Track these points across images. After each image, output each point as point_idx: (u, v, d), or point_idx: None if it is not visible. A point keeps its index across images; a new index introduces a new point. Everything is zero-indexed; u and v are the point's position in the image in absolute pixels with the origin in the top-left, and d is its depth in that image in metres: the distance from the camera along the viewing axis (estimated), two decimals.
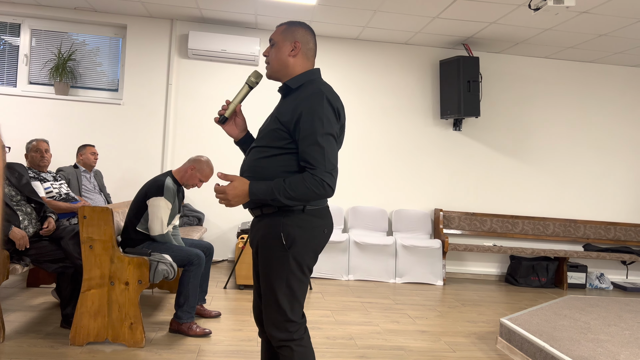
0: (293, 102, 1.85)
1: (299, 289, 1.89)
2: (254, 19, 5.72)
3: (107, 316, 3.10)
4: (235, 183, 1.79)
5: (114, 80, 6.07)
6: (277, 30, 1.96)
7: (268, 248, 1.87)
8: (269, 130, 1.87)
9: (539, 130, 6.49)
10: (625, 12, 4.74)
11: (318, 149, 1.76)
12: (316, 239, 1.89)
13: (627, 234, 6.47)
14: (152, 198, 3.40)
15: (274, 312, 1.87)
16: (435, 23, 5.44)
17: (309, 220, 1.87)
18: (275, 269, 1.86)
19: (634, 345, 3.19)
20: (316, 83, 1.88)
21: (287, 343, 1.87)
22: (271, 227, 1.86)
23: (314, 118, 1.77)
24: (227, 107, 2.00)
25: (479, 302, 5.08)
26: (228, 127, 2.06)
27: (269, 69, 1.96)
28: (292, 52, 1.92)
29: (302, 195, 1.76)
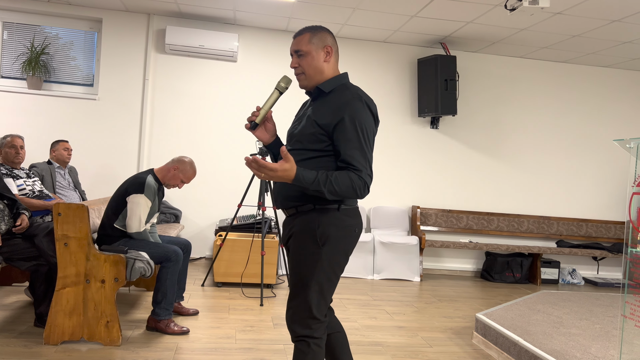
0: (330, 105, 1.89)
1: (328, 288, 1.92)
2: (232, 14, 5.68)
3: (82, 314, 3.05)
4: (287, 165, 1.78)
5: (89, 75, 5.97)
6: (302, 40, 1.96)
7: (302, 244, 1.91)
8: (308, 133, 1.91)
9: (514, 129, 6.60)
10: (597, 13, 4.85)
11: (361, 153, 1.84)
12: (348, 238, 1.93)
13: (598, 230, 6.63)
14: (132, 195, 3.36)
15: (300, 308, 1.90)
16: (414, 22, 5.49)
17: (342, 220, 1.92)
18: (306, 265, 1.89)
19: (604, 339, 3.28)
20: (351, 87, 1.93)
21: (306, 339, 1.90)
22: (307, 223, 1.91)
23: (355, 123, 1.84)
24: (257, 113, 2.00)
25: (455, 297, 5.15)
26: (259, 132, 2.06)
27: (304, 80, 1.98)
28: (326, 57, 1.97)
29: (345, 192, 1.82)
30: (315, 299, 1.89)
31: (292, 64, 1.99)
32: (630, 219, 2.56)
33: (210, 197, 6.05)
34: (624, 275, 2.63)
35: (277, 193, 2.00)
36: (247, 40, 6.09)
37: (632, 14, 4.80)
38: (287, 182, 1.83)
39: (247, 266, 4.80)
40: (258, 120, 1.99)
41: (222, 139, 6.07)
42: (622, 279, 6.53)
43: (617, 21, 5.00)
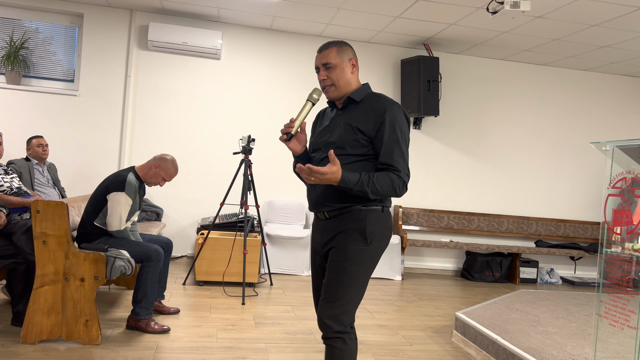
0: (368, 112, 2.02)
1: (363, 286, 2.02)
2: (216, 12, 5.66)
3: (61, 313, 3.02)
4: (334, 168, 1.89)
5: (69, 71, 5.89)
6: (330, 54, 2.07)
7: (349, 242, 2.00)
8: (350, 140, 2.01)
9: (495, 130, 6.69)
10: (577, 18, 4.94)
11: (401, 155, 1.98)
12: (387, 239, 2.08)
13: (576, 230, 6.76)
14: (113, 193, 3.33)
15: (337, 305, 1.97)
16: (397, 23, 5.52)
17: (385, 220, 2.06)
18: (352, 262, 1.98)
19: (580, 337, 3.35)
20: (380, 95, 2.07)
21: (341, 335, 1.96)
22: (354, 222, 2.00)
23: (395, 126, 1.98)
24: (292, 125, 2.07)
25: (436, 296, 5.20)
26: (292, 143, 2.12)
27: (334, 91, 2.08)
28: (352, 70, 2.10)
29: (386, 191, 1.95)
30: (353, 296, 1.99)
31: (320, 77, 2.09)
32: (605, 220, 2.62)
33: (192, 196, 6.02)
34: (599, 274, 2.69)
35: (319, 195, 2.06)
36: (231, 38, 6.07)
37: (610, 19, 4.90)
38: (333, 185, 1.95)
39: (229, 265, 4.79)
40: (294, 132, 2.06)
41: (204, 137, 6.04)
42: (598, 279, 6.67)
43: (596, 26, 5.10)
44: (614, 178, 2.60)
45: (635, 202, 2.48)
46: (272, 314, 4.04)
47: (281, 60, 6.19)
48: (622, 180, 2.56)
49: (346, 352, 1.96)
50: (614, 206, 2.57)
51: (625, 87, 6.98)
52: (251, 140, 4.75)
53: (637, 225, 2.46)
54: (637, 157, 2.57)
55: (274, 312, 4.12)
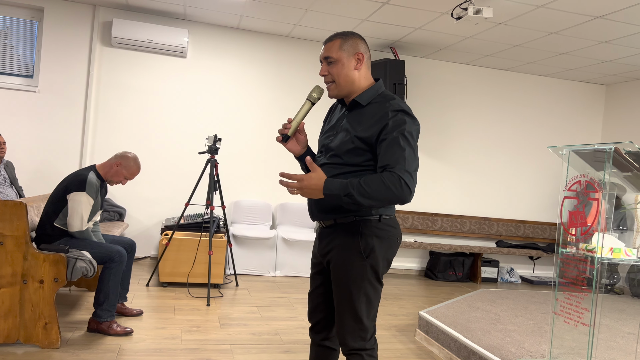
0: (370, 118, 1.83)
1: (375, 298, 1.89)
2: (182, 9, 5.59)
3: (18, 316, 2.93)
4: (313, 174, 1.76)
5: (28, 66, 5.71)
6: (333, 47, 1.88)
7: (347, 257, 1.87)
8: (348, 148, 1.83)
9: (458, 133, 6.84)
10: (537, 25, 5.11)
11: (400, 153, 1.74)
12: (391, 248, 1.90)
13: (535, 231, 6.98)
14: (73, 193, 3.25)
15: (351, 320, 1.87)
16: (364, 25, 5.58)
17: (385, 230, 1.88)
18: (353, 278, 1.86)
19: (537, 334, 3.47)
20: (389, 98, 1.86)
21: (359, 352, 1.87)
22: (349, 235, 1.86)
23: (397, 129, 1.77)
24: (288, 125, 1.94)
25: (400, 296, 5.29)
26: (290, 144, 1.99)
27: (334, 89, 1.90)
28: (357, 65, 1.88)
29: (377, 192, 1.70)
30: (364, 310, 1.87)
31: (321, 72, 1.91)
32: (561, 221, 2.73)
33: (156, 195, 5.93)
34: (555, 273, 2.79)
35: (314, 204, 1.94)
36: (197, 36, 6.01)
37: (568, 27, 5.08)
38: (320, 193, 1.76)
39: (194, 266, 4.74)
40: (290, 133, 1.94)
41: (169, 135, 5.96)
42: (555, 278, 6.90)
43: (555, 33, 5.28)
44: (569, 181, 2.71)
45: (590, 204, 2.59)
46: (238, 315, 4.02)
47: (248, 60, 6.17)
48: (577, 183, 2.67)
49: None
50: (569, 208, 2.68)
51: (582, 93, 7.25)
52: (217, 140, 4.72)
53: (591, 226, 2.56)
54: (592, 161, 2.68)
55: (240, 313, 4.10)
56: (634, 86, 6.86)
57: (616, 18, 4.71)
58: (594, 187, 2.57)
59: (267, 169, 6.23)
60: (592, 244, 2.53)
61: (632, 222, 6.35)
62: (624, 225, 6.27)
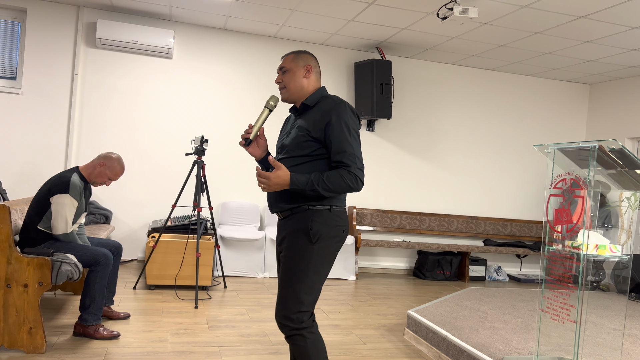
0: (316, 114, 2.09)
1: (317, 283, 2.06)
2: (168, 10, 5.55)
3: (2, 321, 2.89)
4: (279, 172, 2.00)
5: (11, 68, 5.63)
6: (287, 59, 2.20)
7: (295, 241, 2.06)
8: (298, 142, 2.09)
9: (445, 132, 6.88)
10: (521, 25, 5.15)
11: (350, 150, 2.03)
12: (337, 238, 2.10)
13: (522, 229, 7.03)
14: (57, 195, 3.21)
15: (292, 303, 2.02)
16: (351, 26, 5.59)
17: (334, 220, 2.09)
18: (298, 261, 2.04)
19: (525, 331, 3.50)
20: (332, 97, 2.15)
21: (299, 332, 2.02)
22: (300, 222, 2.06)
23: (342, 124, 2.04)
24: (250, 130, 2.18)
25: (389, 295, 5.30)
26: (251, 148, 2.24)
27: (286, 93, 2.20)
28: (306, 74, 2.19)
29: (338, 188, 2.01)
30: (306, 293, 2.03)
31: (276, 80, 2.21)
32: (547, 219, 2.75)
33: (142, 197, 5.88)
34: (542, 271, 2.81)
35: (272, 198, 2.16)
36: (183, 37, 5.97)
37: (552, 27, 5.13)
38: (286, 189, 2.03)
39: (181, 268, 4.70)
40: (252, 137, 2.17)
41: (155, 137, 5.91)
42: (541, 275, 6.96)
43: (539, 33, 5.33)
44: (555, 179, 2.73)
45: (575, 202, 2.61)
46: (226, 317, 4.00)
47: (235, 61, 6.15)
48: (562, 181, 2.69)
49: (308, 346, 2.01)
50: (555, 206, 2.70)
51: (566, 92, 7.33)
52: (204, 141, 4.69)
53: (577, 223, 2.59)
54: (577, 159, 2.71)
55: (228, 315, 4.08)
56: (617, 85, 6.95)
57: (599, 18, 4.77)
58: (579, 185, 2.60)
59: (254, 170, 6.21)
60: (577, 241, 2.55)
61: (616, 220, 6.43)
62: (609, 222, 6.34)
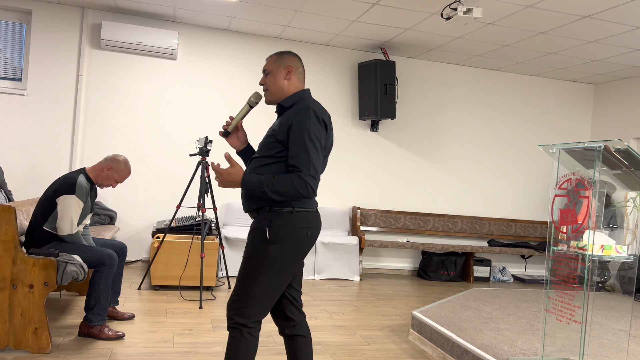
0: (286, 118, 2.10)
1: (272, 285, 2.04)
2: (172, 11, 5.56)
3: (8, 321, 2.90)
4: (231, 169, 2.05)
5: (16, 69, 5.65)
6: (269, 61, 2.22)
7: (253, 241, 2.07)
8: (266, 143, 2.12)
9: (449, 133, 6.86)
10: (525, 25, 5.14)
11: (305, 155, 2.01)
12: (299, 240, 2.07)
13: (526, 230, 7.01)
14: (63, 196, 3.22)
15: (241, 298, 2.03)
16: (355, 26, 5.59)
17: (295, 222, 2.07)
18: (254, 260, 2.04)
19: (529, 332, 3.48)
20: (306, 100, 2.14)
21: (239, 327, 2.02)
22: (260, 222, 2.07)
23: (302, 128, 2.03)
24: (230, 122, 2.26)
25: (393, 296, 5.29)
26: (231, 140, 2.31)
27: (268, 95, 2.22)
28: (286, 76, 2.19)
29: (287, 192, 1.99)
30: (256, 292, 2.02)
31: (260, 81, 2.24)
32: (552, 220, 2.74)
33: (147, 198, 5.89)
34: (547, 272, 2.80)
35: (243, 197, 2.17)
36: (187, 38, 5.99)
37: (556, 27, 5.12)
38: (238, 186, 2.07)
39: (185, 268, 4.71)
40: (230, 129, 2.25)
41: (160, 138, 5.93)
42: (546, 276, 6.94)
43: (543, 33, 5.32)
44: (560, 179, 2.72)
45: (580, 202, 2.60)
46: None
47: (239, 62, 6.15)
48: (567, 181, 2.68)
49: (241, 343, 2.01)
50: (560, 206, 2.69)
51: (571, 93, 7.30)
52: (208, 142, 4.70)
53: (582, 224, 2.58)
54: (582, 159, 2.70)
55: None
56: (622, 85, 6.92)
57: (604, 17, 4.75)
58: (584, 185, 2.59)
59: None
60: (583, 242, 2.55)
61: (622, 220, 6.40)
62: (614, 222, 6.32)
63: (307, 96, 2.20)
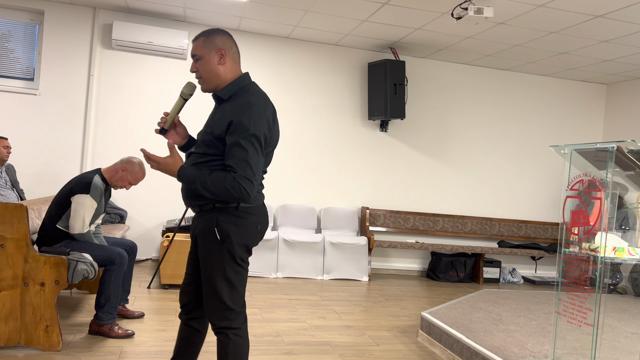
0: (224, 112, 1.95)
1: (236, 279, 2.01)
2: (182, 11, 5.59)
3: (19, 319, 2.93)
4: (169, 159, 1.96)
5: (29, 69, 5.71)
6: (197, 45, 2.01)
7: (205, 242, 2.00)
8: (205, 140, 1.99)
9: (459, 133, 6.83)
10: (537, 25, 5.10)
11: (242, 155, 1.88)
12: (249, 234, 2.02)
13: (537, 231, 6.96)
14: (78, 195, 3.24)
15: (214, 302, 2.00)
16: (365, 26, 5.58)
17: (242, 217, 2.00)
18: (212, 262, 1.99)
19: (540, 335, 3.46)
20: (247, 92, 1.98)
21: (225, 330, 2.01)
22: (207, 222, 2.00)
23: (241, 127, 1.89)
24: (165, 119, 2.08)
25: (402, 296, 5.27)
26: (170, 136, 2.14)
27: (203, 84, 2.03)
28: (220, 60, 2.00)
29: (218, 192, 1.89)
30: (226, 292, 1.99)
31: (191, 69, 2.04)
32: (564, 221, 2.72)
33: (157, 197, 5.92)
34: (558, 273, 2.78)
35: (183, 191, 2.08)
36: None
37: (568, 27, 5.07)
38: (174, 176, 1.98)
39: None
40: (166, 126, 2.10)
41: None
42: (557, 278, 6.88)
43: (555, 33, 5.27)
44: (571, 180, 2.69)
45: (592, 203, 2.58)
46: None
47: (249, 62, 6.16)
48: (579, 182, 2.66)
49: (229, 346, 2.00)
50: (572, 207, 2.67)
51: (583, 93, 7.24)
52: None
53: (594, 225, 2.55)
54: (594, 160, 2.67)
55: None
56: (634, 85, 6.84)
57: (616, 17, 4.70)
58: (596, 186, 2.56)
59: (267, 171, 6.23)
60: (595, 244, 2.52)
61: (634, 221, 6.33)
62: (627, 224, 6.25)
63: (247, 84, 2.02)
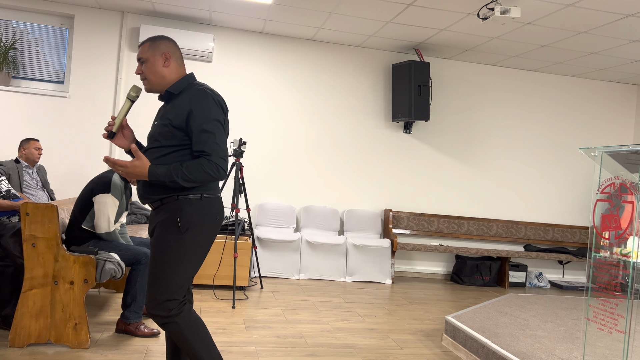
0: (180, 104, 2.06)
1: (188, 272, 2.06)
2: (208, 15, 5.65)
3: (49, 317, 2.99)
4: (137, 162, 1.99)
5: (59, 72, 5.84)
6: (143, 49, 2.14)
7: (165, 231, 2.04)
8: (162, 132, 2.06)
9: (484, 135, 6.74)
10: (565, 25, 5.00)
11: (211, 139, 2.00)
12: (210, 225, 2.09)
13: (564, 235, 6.82)
14: (99, 195, 3.30)
15: (161, 292, 2.01)
16: (389, 27, 5.55)
17: (205, 208, 2.08)
18: (169, 251, 2.02)
19: (568, 341, 3.38)
20: (197, 85, 2.11)
21: (171, 319, 2.03)
22: (170, 212, 2.04)
23: (203, 113, 2.01)
24: (113, 123, 2.15)
25: (426, 300, 5.22)
26: (118, 140, 2.19)
27: (147, 84, 2.15)
28: (165, 63, 2.13)
29: (198, 177, 1.99)
30: (175, 282, 2.02)
31: (136, 71, 2.16)
32: (594, 225, 2.65)
33: None
34: (587, 279, 2.72)
35: (142, 189, 2.12)
36: (222, 41, 6.07)
37: (598, 26, 4.96)
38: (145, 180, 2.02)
39: (219, 268, 4.77)
40: (114, 129, 2.14)
41: None
42: (586, 283, 6.73)
43: (584, 33, 5.17)
44: (602, 183, 2.63)
45: (623, 207, 2.51)
46: (263, 318, 4.03)
47: (273, 64, 6.20)
48: (610, 185, 2.60)
49: (184, 331, 2.02)
50: (602, 211, 2.61)
51: (612, 94, 7.07)
52: (243, 143, 4.75)
53: (625, 230, 2.49)
54: (625, 162, 2.60)
55: (264, 315, 4.11)
56: None
57: None
58: (627, 190, 2.50)
59: (290, 172, 6.25)
60: (626, 248, 2.46)
61: None
62: None
63: (194, 80, 2.17)
